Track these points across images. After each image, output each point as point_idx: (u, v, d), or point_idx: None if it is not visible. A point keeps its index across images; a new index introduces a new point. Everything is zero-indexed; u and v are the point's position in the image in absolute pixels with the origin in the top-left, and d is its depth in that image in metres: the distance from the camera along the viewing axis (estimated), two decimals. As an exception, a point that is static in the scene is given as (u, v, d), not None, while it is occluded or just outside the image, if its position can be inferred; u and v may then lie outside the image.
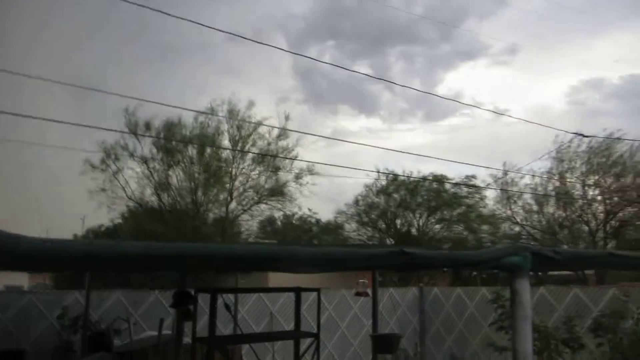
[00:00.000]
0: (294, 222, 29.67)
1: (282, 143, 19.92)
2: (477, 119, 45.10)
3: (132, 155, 18.82)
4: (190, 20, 6.94)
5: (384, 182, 22.65)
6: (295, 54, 27.62)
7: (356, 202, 23.22)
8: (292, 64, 45.48)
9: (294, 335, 7.02)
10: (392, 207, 22.35)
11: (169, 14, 7.20)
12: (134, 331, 8.10)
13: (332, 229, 25.07)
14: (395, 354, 10.13)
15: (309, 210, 26.81)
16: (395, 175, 21.22)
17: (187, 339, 6.49)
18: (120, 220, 21.37)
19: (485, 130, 39.90)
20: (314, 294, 11.45)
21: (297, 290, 6.71)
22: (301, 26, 38.73)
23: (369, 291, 8.75)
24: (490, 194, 22.25)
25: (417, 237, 21.73)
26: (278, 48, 12.24)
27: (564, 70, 43.57)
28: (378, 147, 18.87)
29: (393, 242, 21.58)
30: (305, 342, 6.89)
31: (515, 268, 3.36)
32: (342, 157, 34.63)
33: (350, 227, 24.20)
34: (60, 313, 8.77)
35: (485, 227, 21.82)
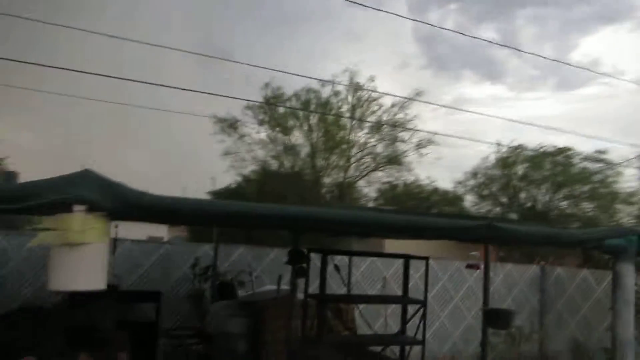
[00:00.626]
0: (412, 190, 29.55)
1: (401, 115, 19.96)
2: (617, 89, 40.74)
3: (259, 120, 20.12)
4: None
5: (506, 154, 21.74)
6: (415, 20, 27.00)
7: (474, 174, 22.59)
8: (413, 28, 44.36)
9: (401, 301, 7.34)
10: (514, 180, 21.44)
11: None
12: (255, 284, 8.96)
13: (451, 199, 24.66)
14: (508, 331, 10.04)
15: (428, 178, 26.57)
16: (517, 147, 20.27)
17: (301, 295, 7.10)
18: (245, 181, 23.11)
19: (627, 101, 35.97)
20: (429, 261, 11.68)
21: (406, 257, 6.98)
22: (422, -12, 37.34)
23: (481, 264, 8.73)
24: (631, 172, 20.40)
25: (543, 213, 20.68)
26: (398, 15, 12.20)
27: None
28: (501, 118, 18.21)
29: (516, 218, 20.80)
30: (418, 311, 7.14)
31: (618, 251, 3.30)
32: (464, 125, 33.53)
33: (471, 199, 23.68)
34: (193, 263, 9.93)
35: (620, 206, 20.14)
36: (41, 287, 8.87)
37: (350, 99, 19.98)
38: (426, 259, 6.82)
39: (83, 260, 2.46)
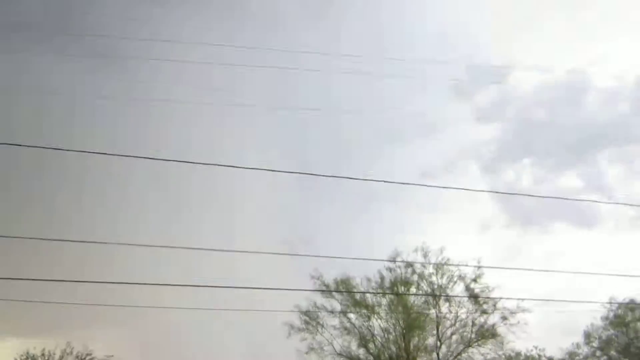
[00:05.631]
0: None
1: (482, 283, 19.91)
2: None
3: (331, 312, 20.63)
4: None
5: (621, 312, 20.30)
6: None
7: (587, 337, 21.00)
8: (489, 187, 45.24)
9: None
10: (634, 341, 19.67)
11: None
12: None
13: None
14: None
15: (535, 348, 24.73)
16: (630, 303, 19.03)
17: None
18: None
19: None
20: None
21: None
22: (493, 149, 39.34)
23: None
24: None
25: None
26: (480, 191, 12.81)
27: None
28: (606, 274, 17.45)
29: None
30: None
31: None
32: (565, 280, 31.95)
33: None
34: None
35: None
36: None
37: (432, 273, 20.21)
38: None
39: None
